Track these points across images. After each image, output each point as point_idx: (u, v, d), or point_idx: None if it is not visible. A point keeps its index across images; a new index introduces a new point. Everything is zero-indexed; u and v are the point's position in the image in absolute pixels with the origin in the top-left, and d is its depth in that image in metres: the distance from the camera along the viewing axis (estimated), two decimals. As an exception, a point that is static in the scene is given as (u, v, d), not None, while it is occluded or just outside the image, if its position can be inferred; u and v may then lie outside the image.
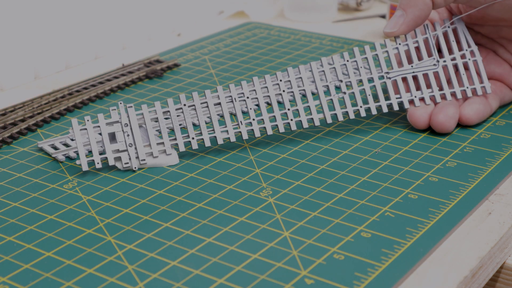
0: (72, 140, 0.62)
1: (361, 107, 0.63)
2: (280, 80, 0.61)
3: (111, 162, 0.57)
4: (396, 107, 0.63)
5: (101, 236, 0.49)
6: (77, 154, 0.60)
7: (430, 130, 0.64)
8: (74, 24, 0.82)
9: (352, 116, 0.62)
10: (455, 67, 0.67)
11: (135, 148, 0.58)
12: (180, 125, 0.63)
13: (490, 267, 0.49)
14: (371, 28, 0.95)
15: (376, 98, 0.69)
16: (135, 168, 0.57)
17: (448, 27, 0.66)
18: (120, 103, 0.58)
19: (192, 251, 0.48)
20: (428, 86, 0.65)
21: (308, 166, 0.58)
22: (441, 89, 0.65)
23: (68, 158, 0.60)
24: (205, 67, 0.80)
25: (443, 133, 0.63)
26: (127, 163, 0.57)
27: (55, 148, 0.62)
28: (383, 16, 0.98)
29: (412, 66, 0.64)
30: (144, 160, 0.57)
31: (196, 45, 0.87)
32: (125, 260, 0.47)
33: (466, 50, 0.66)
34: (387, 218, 0.51)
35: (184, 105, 0.59)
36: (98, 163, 0.57)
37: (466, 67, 0.66)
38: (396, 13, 0.64)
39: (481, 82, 0.66)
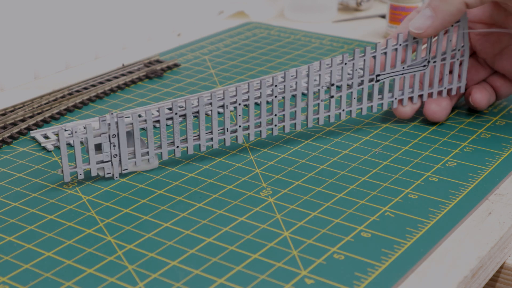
0: (66, 130, 0.62)
1: (343, 110, 0.62)
2: (273, 84, 0.59)
3: (94, 172, 0.55)
4: (375, 109, 0.63)
5: (101, 236, 0.49)
6: (61, 163, 0.56)
7: (430, 130, 0.64)
8: (74, 24, 0.82)
9: (332, 119, 0.62)
10: (443, 66, 0.65)
11: (119, 157, 0.56)
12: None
13: (490, 267, 0.49)
14: (371, 28, 0.95)
15: (362, 100, 0.67)
16: (116, 177, 0.56)
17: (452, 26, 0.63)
18: (111, 114, 0.55)
19: (192, 251, 0.48)
20: (411, 86, 0.65)
21: (308, 166, 0.58)
22: (421, 88, 0.65)
23: (57, 148, 0.61)
24: (205, 67, 0.80)
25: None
26: (109, 173, 0.56)
27: (47, 137, 0.63)
28: (383, 16, 0.98)
29: (403, 68, 0.63)
30: (126, 169, 0.56)
31: (196, 45, 0.87)
32: (125, 260, 0.47)
33: (459, 50, 0.64)
34: (387, 218, 0.51)
35: (176, 113, 0.56)
36: (80, 174, 0.55)
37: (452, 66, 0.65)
38: (425, 12, 0.60)
39: (460, 81, 0.65)
